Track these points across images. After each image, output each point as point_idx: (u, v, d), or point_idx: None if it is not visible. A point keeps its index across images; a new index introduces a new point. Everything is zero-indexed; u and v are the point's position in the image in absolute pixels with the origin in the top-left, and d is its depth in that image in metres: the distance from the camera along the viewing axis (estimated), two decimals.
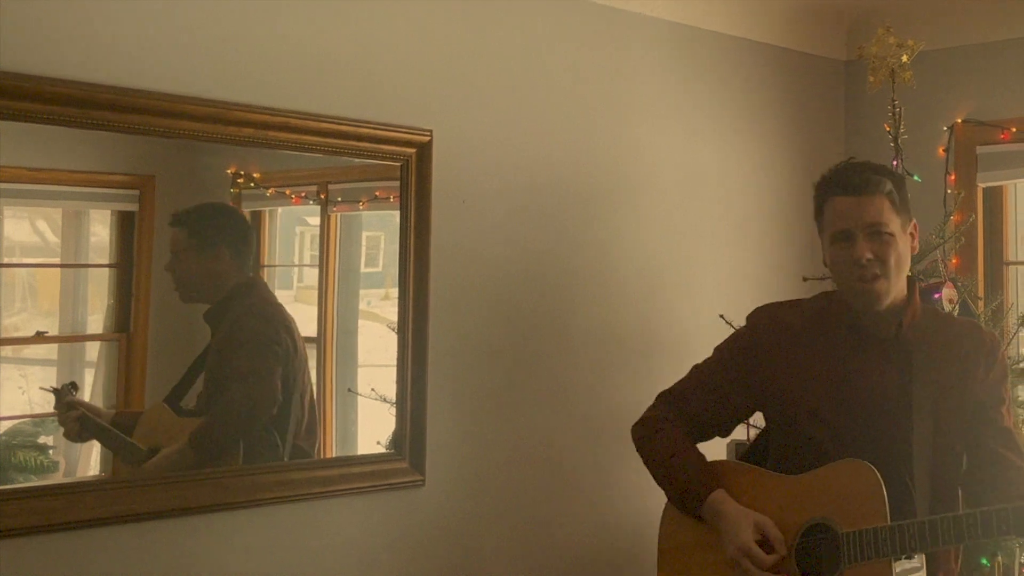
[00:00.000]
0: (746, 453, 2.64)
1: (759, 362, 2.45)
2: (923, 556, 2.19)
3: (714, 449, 2.61)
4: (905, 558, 2.16)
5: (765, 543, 2.28)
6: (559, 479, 3.32)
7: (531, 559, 3.24)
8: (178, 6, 2.56)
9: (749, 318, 2.56)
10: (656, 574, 2.50)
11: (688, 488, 2.41)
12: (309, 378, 2.88)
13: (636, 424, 2.58)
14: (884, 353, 2.36)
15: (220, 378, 2.70)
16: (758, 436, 2.62)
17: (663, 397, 2.58)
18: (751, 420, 2.80)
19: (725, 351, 2.56)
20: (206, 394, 2.67)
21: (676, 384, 2.58)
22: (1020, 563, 3.37)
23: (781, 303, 2.56)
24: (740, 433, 2.83)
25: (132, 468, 2.58)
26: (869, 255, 2.29)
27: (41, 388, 2.52)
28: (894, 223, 2.31)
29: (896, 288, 2.34)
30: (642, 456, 2.54)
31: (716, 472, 2.43)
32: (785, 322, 2.47)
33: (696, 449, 2.49)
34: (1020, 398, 3.49)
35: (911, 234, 2.38)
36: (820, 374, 2.38)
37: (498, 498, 3.17)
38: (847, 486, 2.23)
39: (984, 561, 3.27)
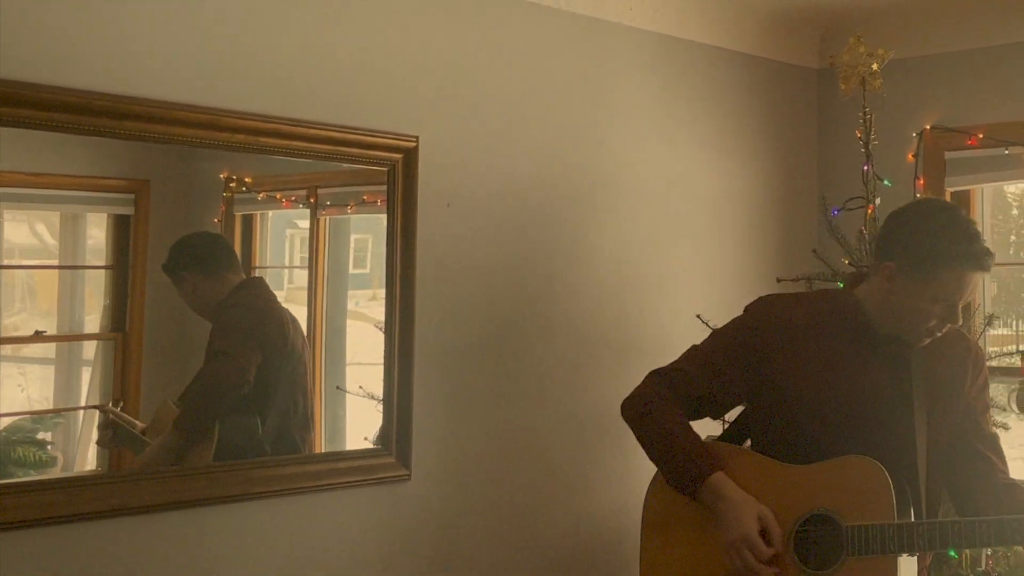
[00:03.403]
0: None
1: (761, 354, 2.39)
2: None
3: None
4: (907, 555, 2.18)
5: (764, 535, 2.24)
6: (541, 472, 3.34)
7: (514, 549, 3.28)
8: (173, 17, 2.58)
9: (752, 309, 2.48)
10: (641, 545, 2.44)
11: (687, 468, 2.32)
12: (304, 374, 2.90)
13: (628, 400, 2.48)
14: (886, 358, 2.35)
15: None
16: (730, 427, 2.59)
17: (657, 375, 2.48)
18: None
19: (728, 336, 2.47)
20: None
21: (672, 363, 2.49)
22: (987, 554, 3.42)
23: (784, 296, 2.52)
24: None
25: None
26: (953, 321, 2.29)
27: (92, 406, 2.59)
28: None
29: None
30: (637, 433, 2.44)
31: (716, 453, 2.36)
32: (790, 318, 2.40)
33: (693, 429, 2.41)
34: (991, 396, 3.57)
35: None
36: (824, 374, 2.34)
37: (481, 491, 3.20)
38: (854, 481, 2.22)
39: (952, 553, 3.32)
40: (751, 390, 2.43)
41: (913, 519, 2.23)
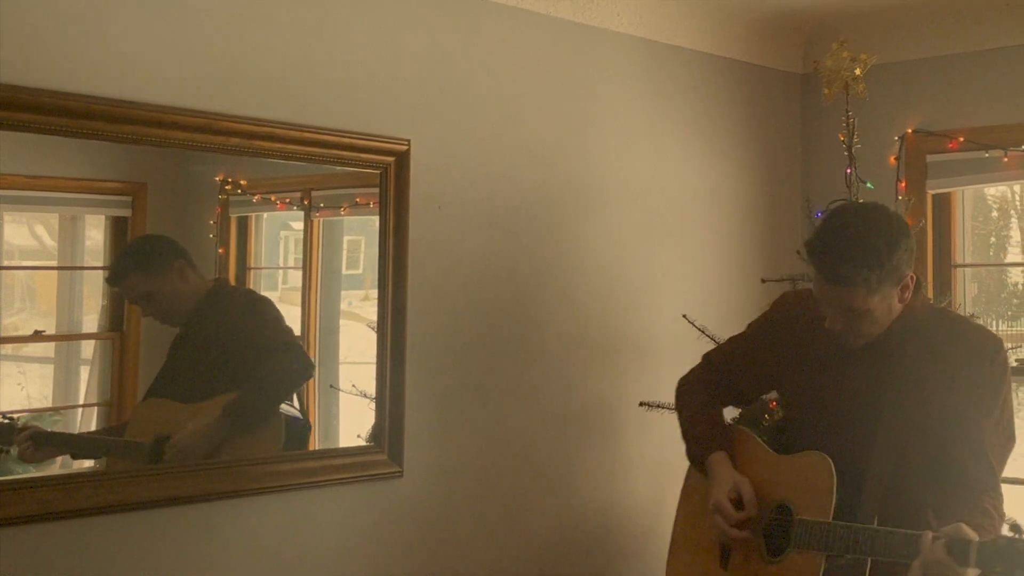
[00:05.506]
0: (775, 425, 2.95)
1: (776, 344, 2.56)
2: None
3: None
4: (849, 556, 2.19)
5: (739, 503, 2.43)
6: (529, 469, 3.38)
7: (502, 544, 3.32)
8: (169, 23, 2.62)
9: (777, 301, 2.67)
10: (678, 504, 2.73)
11: (697, 447, 2.61)
12: None
13: (680, 380, 2.77)
14: (864, 359, 2.35)
15: (230, 361, 2.74)
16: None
17: (705, 359, 2.76)
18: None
19: (752, 330, 2.69)
20: (216, 377, 2.71)
21: (716, 348, 2.80)
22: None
23: (801, 294, 2.61)
24: None
25: (138, 463, 2.60)
26: (839, 326, 2.31)
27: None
28: (872, 301, 2.24)
29: (883, 324, 2.30)
30: (676, 410, 2.74)
31: (725, 436, 2.60)
32: (811, 310, 2.40)
33: (716, 412, 2.67)
34: None
35: (901, 288, 2.28)
36: (816, 371, 2.44)
37: (472, 488, 3.24)
38: (806, 476, 2.34)
39: None
40: (769, 379, 2.64)
41: (860, 521, 2.22)
